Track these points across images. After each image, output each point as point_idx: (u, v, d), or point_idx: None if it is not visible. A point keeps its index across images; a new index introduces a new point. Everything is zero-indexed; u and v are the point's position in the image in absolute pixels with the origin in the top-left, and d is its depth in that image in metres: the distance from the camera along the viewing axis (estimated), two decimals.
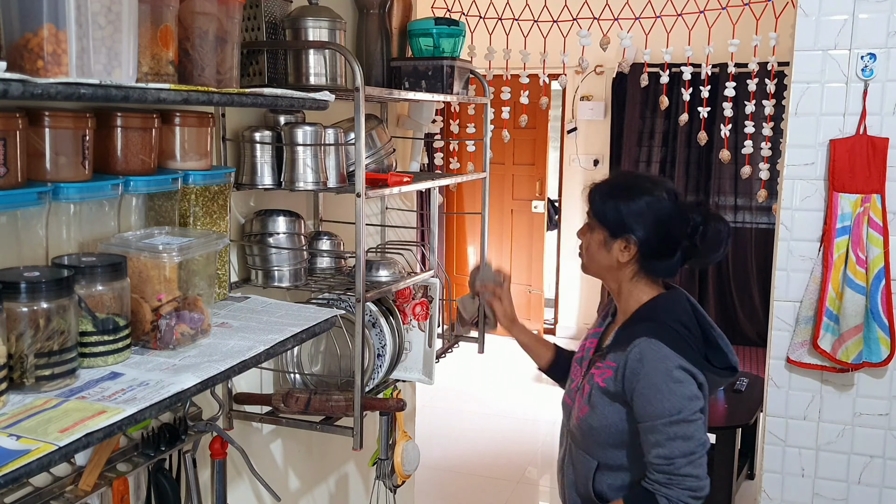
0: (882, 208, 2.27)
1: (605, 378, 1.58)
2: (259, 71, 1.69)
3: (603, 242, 1.62)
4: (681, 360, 1.50)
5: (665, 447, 1.48)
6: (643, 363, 1.50)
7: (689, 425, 1.48)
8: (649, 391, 1.49)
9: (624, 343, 1.57)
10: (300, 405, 1.70)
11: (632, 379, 1.51)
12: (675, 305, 1.61)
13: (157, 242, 1.26)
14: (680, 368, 1.50)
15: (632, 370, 1.51)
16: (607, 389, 1.57)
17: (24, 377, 1.04)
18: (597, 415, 1.58)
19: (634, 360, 1.51)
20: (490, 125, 2.37)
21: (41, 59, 0.97)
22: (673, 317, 1.57)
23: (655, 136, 5.90)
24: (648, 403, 1.49)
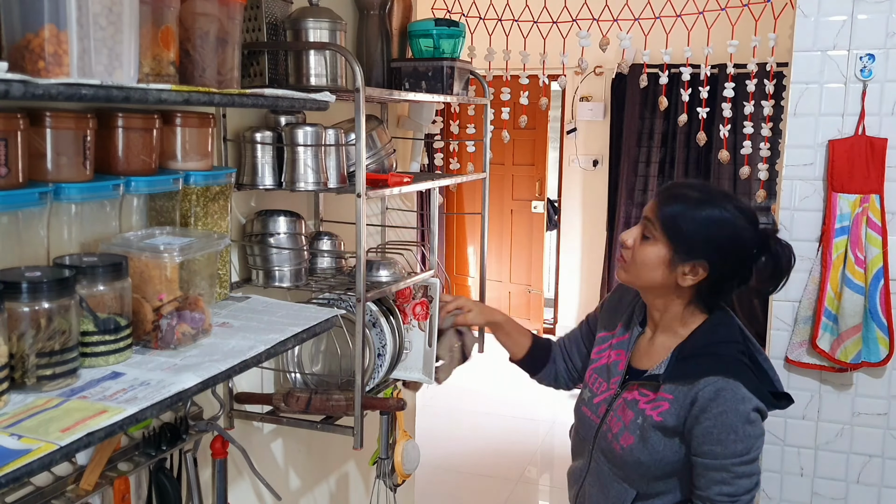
0: (881, 208, 2.27)
1: (662, 412, 1.49)
2: (260, 72, 1.69)
3: (666, 261, 1.48)
4: (759, 402, 1.46)
5: (732, 485, 1.44)
6: (717, 403, 1.43)
7: (754, 464, 1.46)
8: (722, 431, 1.43)
9: (687, 377, 1.48)
10: (301, 405, 1.70)
11: (698, 415, 1.45)
12: (730, 331, 1.53)
13: (158, 242, 1.26)
14: (756, 410, 1.45)
15: (701, 407, 1.44)
16: (663, 424, 1.49)
17: (25, 377, 1.05)
18: (648, 449, 1.50)
19: (706, 399, 1.44)
20: (490, 126, 2.38)
21: (42, 60, 0.97)
22: (737, 348, 1.50)
23: (655, 136, 5.91)
24: (719, 443, 1.44)
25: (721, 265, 1.47)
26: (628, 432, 1.53)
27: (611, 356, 1.65)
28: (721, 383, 1.44)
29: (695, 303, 1.54)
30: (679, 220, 1.47)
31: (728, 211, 1.47)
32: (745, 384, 1.45)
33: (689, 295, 1.52)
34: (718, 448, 1.44)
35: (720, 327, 1.54)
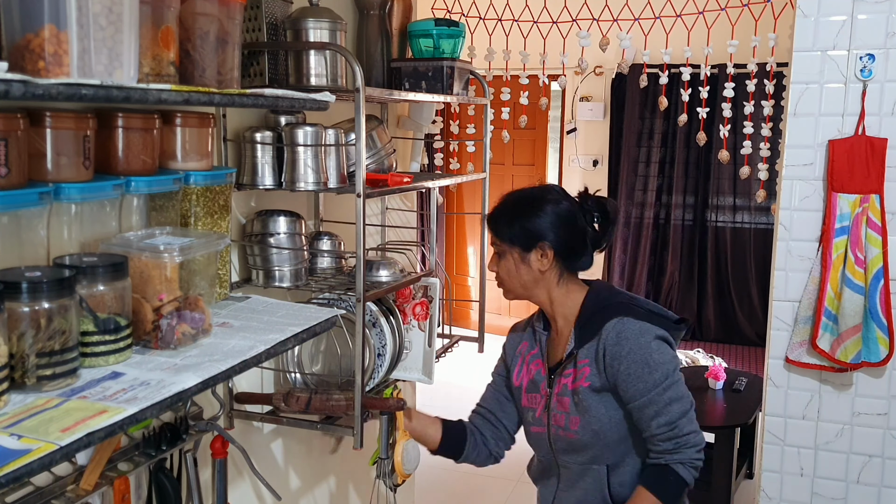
0: (881, 208, 2.27)
1: (587, 376, 1.59)
2: (260, 72, 1.69)
3: (520, 260, 1.66)
4: (654, 328, 1.56)
5: (665, 414, 1.52)
6: (621, 343, 1.54)
7: (678, 385, 1.54)
8: (637, 367, 1.53)
9: (590, 335, 1.60)
10: (301, 405, 1.70)
11: (614, 364, 1.55)
12: (612, 289, 1.68)
13: (158, 242, 1.26)
14: (657, 338, 1.55)
15: (612, 355, 1.55)
16: (593, 386, 1.58)
17: (25, 377, 1.04)
18: (594, 417, 1.59)
19: (612, 345, 1.55)
20: (490, 126, 2.38)
21: (42, 60, 0.97)
22: (623, 296, 1.64)
23: (654, 136, 5.91)
24: (639, 379, 1.53)
25: (557, 235, 1.63)
26: (573, 415, 1.62)
27: (531, 371, 1.73)
28: (617, 325, 1.56)
29: (566, 278, 1.67)
30: (506, 229, 1.66)
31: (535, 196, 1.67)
32: (636, 317, 1.57)
33: (556, 273, 1.66)
34: (640, 385, 1.53)
35: (602, 291, 1.68)
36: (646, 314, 1.60)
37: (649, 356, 1.53)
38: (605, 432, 1.59)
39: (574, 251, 1.65)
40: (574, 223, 1.64)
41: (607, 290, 1.69)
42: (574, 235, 1.65)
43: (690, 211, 5.94)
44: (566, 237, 1.64)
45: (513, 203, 1.69)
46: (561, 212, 1.64)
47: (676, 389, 1.54)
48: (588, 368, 1.59)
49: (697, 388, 3.74)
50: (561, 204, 1.65)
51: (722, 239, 5.91)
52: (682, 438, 1.53)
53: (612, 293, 1.67)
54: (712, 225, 5.91)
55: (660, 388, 1.53)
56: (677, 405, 1.53)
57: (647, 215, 6.01)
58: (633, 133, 5.93)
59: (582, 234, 1.65)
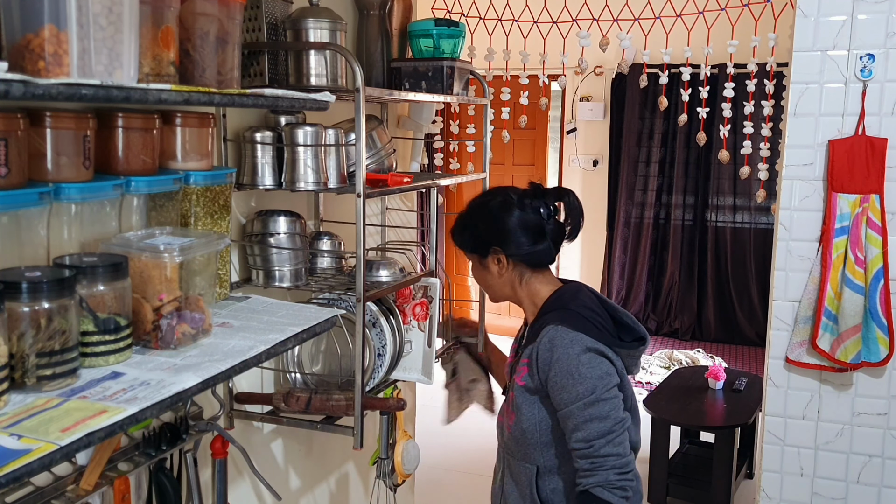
0: (881, 208, 2.27)
1: (523, 376, 1.59)
2: (260, 72, 1.69)
3: (480, 266, 1.69)
4: (588, 340, 1.52)
5: (583, 430, 1.49)
6: (553, 350, 1.53)
7: (604, 404, 1.49)
8: (562, 377, 1.51)
9: (533, 337, 1.60)
10: (301, 405, 1.70)
11: (545, 369, 1.54)
12: (576, 294, 1.64)
13: (158, 242, 1.26)
14: (589, 350, 1.52)
15: (544, 360, 1.54)
16: (527, 386, 1.58)
17: (25, 377, 1.05)
18: (524, 416, 1.59)
19: (545, 350, 1.54)
20: (490, 126, 2.38)
21: (42, 60, 0.97)
22: (577, 302, 1.60)
23: (654, 136, 5.91)
24: (563, 389, 1.51)
25: (504, 239, 1.63)
26: (511, 410, 1.64)
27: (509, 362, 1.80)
28: (551, 332, 1.54)
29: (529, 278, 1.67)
30: (458, 238, 1.71)
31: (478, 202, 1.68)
32: (571, 326, 1.53)
33: (517, 274, 1.67)
34: (564, 395, 1.51)
35: (564, 294, 1.65)
36: (588, 325, 1.55)
37: (575, 368, 1.50)
38: (531, 433, 1.59)
39: (528, 248, 1.63)
40: (523, 223, 1.62)
41: (571, 293, 1.65)
42: (525, 233, 1.62)
43: (690, 211, 5.94)
44: (517, 238, 1.62)
45: (464, 212, 1.71)
46: (505, 215, 1.63)
47: (600, 407, 1.49)
48: (526, 368, 1.59)
49: (697, 388, 3.74)
50: (506, 207, 1.63)
51: (722, 239, 5.91)
52: (599, 459, 1.48)
53: (570, 298, 1.63)
54: (712, 225, 5.91)
55: (581, 403, 1.49)
56: (597, 423, 1.48)
57: (647, 215, 6.02)
58: (633, 133, 5.93)
59: (536, 232, 1.62)
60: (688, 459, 3.80)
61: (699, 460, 3.75)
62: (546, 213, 1.63)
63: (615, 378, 1.53)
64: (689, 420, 3.51)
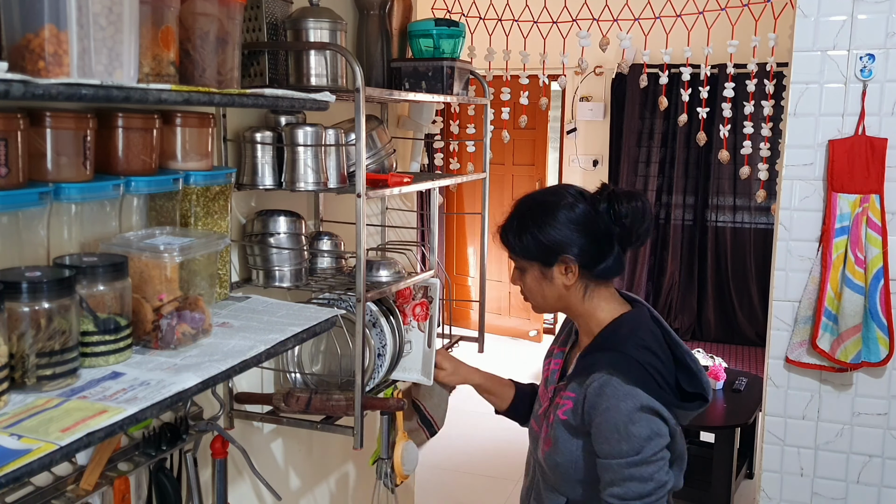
0: (881, 208, 2.28)
1: (566, 410, 1.48)
2: (260, 72, 1.69)
3: (542, 276, 1.52)
4: (644, 397, 1.40)
5: (620, 487, 1.40)
6: (602, 398, 1.41)
7: (648, 466, 1.40)
8: (607, 429, 1.40)
9: (584, 374, 1.47)
10: (301, 405, 1.70)
11: (591, 413, 1.43)
12: (638, 328, 1.50)
13: (158, 242, 1.26)
14: (641, 408, 1.40)
15: (591, 404, 1.43)
16: (568, 423, 1.48)
17: (25, 377, 1.05)
18: (560, 450, 1.50)
19: (594, 395, 1.42)
20: (490, 126, 2.38)
21: (42, 60, 0.97)
22: (637, 342, 1.46)
23: (654, 136, 5.91)
24: (606, 442, 1.41)
25: (579, 246, 1.48)
26: (548, 437, 1.53)
27: (551, 366, 1.66)
28: (604, 378, 1.42)
29: (595, 292, 1.52)
30: (516, 242, 1.52)
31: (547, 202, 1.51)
32: (627, 379, 1.40)
33: (582, 288, 1.52)
34: (606, 447, 1.41)
35: (624, 324, 1.51)
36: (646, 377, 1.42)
37: (624, 425, 1.39)
38: (568, 469, 1.50)
39: (600, 258, 1.49)
40: (595, 227, 1.48)
41: (631, 326, 1.49)
42: (597, 241, 1.48)
43: (690, 211, 5.94)
44: (589, 245, 1.47)
45: (523, 212, 1.53)
46: (578, 218, 1.47)
47: (643, 470, 1.39)
48: (570, 403, 1.48)
49: None
50: (577, 208, 1.48)
51: (722, 239, 5.91)
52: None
53: (629, 333, 1.48)
54: (712, 225, 5.91)
55: (623, 461, 1.39)
56: (637, 485, 1.39)
57: None
58: (633, 133, 5.93)
59: (606, 237, 1.48)
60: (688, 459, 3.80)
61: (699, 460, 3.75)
62: (620, 218, 1.47)
63: (665, 439, 1.42)
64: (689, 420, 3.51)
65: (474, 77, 2.27)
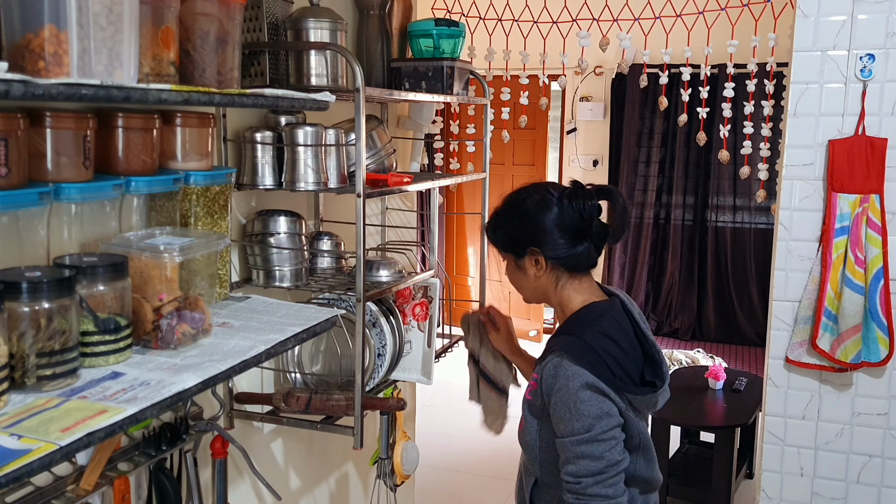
0: (881, 208, 2.28)
1: (532, 391, 1.55)
2: (260, 72, 1.69)
3: (516, 267, 1.60)
4: (588, 376, 1.44)
5: (573, 464, 1.45)
6: (555, 379, 1.47)
7: (599, 444, 1.43)
8: (560, 408, 1.46)
9: (544, 356, 1.55)
10: (301, 405, 1.70)
11: (548, 393, 1.49)
12: (601, 317, 1.54)
13: (158, 242, 1.26)
14: (588, 387, 1.44)
15: (547, 385, 1.49)
16: (533, 403, 1.54)
17: (25, 377, 1.05)
18: (527, 430, 1.56)
19: (549, 376, 1.48)
20: (490, 126, 2.38)
21: (42, 60, 0.97)
22: (596, 329, 1.50)
23: (655, 136, 5.91)
24: (560, 420, 1.46)
25: (542, 239, 1.55)
26: (522, 418, 1.59)
27: None
28: (555, 360, 1.48)
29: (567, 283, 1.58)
30: (492, 235, 1.63)
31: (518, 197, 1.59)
32: (576, 361, 1.45)
33: (554, 278, 1.58)
34: (561, 426, 1.47)
35: (589, 312, 1.56)
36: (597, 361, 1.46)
37: (573, 403, 1.44)
38: (532, 447, 1.56)
39: (568, 252, 1.55)
40: (563, 222, 1.54)
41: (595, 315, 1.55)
42: (565, 235, 1.54)
43: (690, 211, 5.94)
44: (557, 239, 1.54)
45: (500, 208, 1.63)
46: (545, 214, 1.54)
47: (594, 447, 1.43)
48: (535, 384, 1.54)
49: (697, 388, 3.74)
50: (545, 204, 1.54)
51: (722, 239, 5.91)
52: (585, 498, 1.43)
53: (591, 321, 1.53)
54: (712, 225, 5.91)
55: (574, 439, 1.44)
56: (589, 462, 1.43)
57: (647, 215, 6.02)
58: (633, 133, 5.93)
59: (576, 232, 1.54)
60: (688, 459, 3.80)
61: (699, 460, 3.75)
62: (588, 214, 1.53)
63: (616, 419, 1.46)
64: (689, 420, 3.51)
65: (474, 77, 2.27)
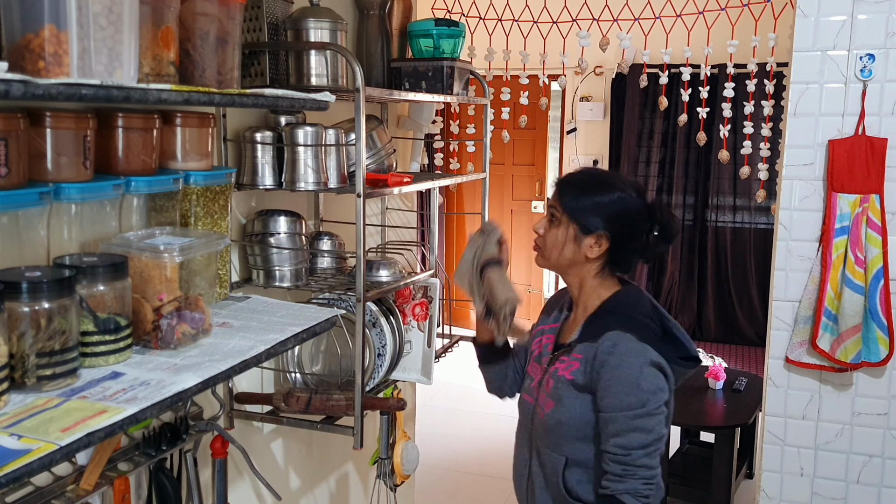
0: (881, 208, 2.27)
1: (573, 370, 1.58)
2: (261, 71, 1.69)
3: (573, 237, 1.61)
4: (652, 353, 1.52)
5: (624, 437, 1.50)
6: (614, 354, 1.52)
7: (651, 418, 1.50)
8: (616, 383, 1.51)
9: (593, 335, 1.57)
10: (301, 405, 1.70)
11: (599, 369, 1.53)
12: (638, 300, 1.63)
13: (158, 242, 1.26)
14: (651, 363, 1.52)
15: (601, 361, 1.53)
16: (575, 381, 1.57)
17: (25, 377, 1.05)
18: (564, 408, 1.58)
19: (605, 352, 1.53)
20: (490, 126, 2.38)
21: (42, 60, 0.97)
22: (640, 311, 1.60)
23: (655, 136, 5.91)
24: (614, 395, 1.51)
25: (619, 232, 1.60)
26: (549, 398, 1.62)
27: (542, 342, 1.74)
28: (617, 337, 1.53)
29: (605, 273, 1.65)
30: (573, 196, 1.62)
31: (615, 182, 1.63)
32: (639, 337, 1.53)
33: (599, 265, 1.64)
34: (614, 400, 1.50)
35: (628, 297, 1.64)
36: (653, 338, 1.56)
37: (634, 378, 1.50)
38: (569, 425, 1.59)
39: (626, 251, 1.62)
40: (636, 224, 1.61)
41: (634, 297, 1.64)
42: (632, 236, 1.61)
43: (690, 211, 5.94)
44: (625, 235, 1.60)
45: (590, 178, 1.66)
46: (631, 208, 1.60)
47: (647, 421, 1.50)
48: (577, 364, 1.57)
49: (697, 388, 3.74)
50: (634, 200, 1.61)
51: (722, 239, 5.91)
52: (632, 468, 1.49)
53: (635, 302, 1.62)
54: (712, 225, 5.91)
55: (630, 413, 1.50)
56: (640, 435, 1.50)
57: None
58: (633, 133, 5.93)
59: (639, 239, 1.62)
60: (688, 459, 3.80)
61: (699, 460, 3.75)
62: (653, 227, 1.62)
63: (667, 395, 1.54)
64: (689, 420, 3.51)
65: (474, 77, 2.27)
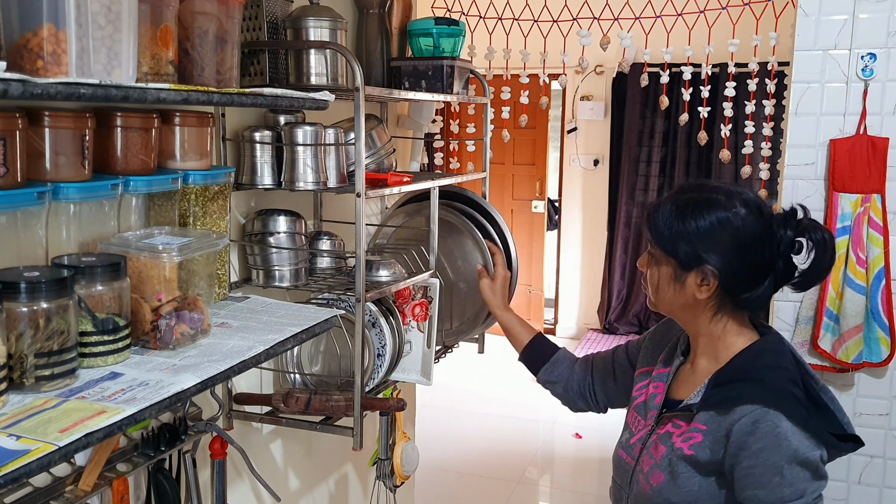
0: (882, 208, 2.27)
1: (694, 444, 1.30)
2: (260, 71, 1.69)
3: (673, 277, 1.33)
4: (806, 438, 1.24)
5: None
6: (756, 437, 1.24)
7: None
8: (764, 473, 1.24)
9: (722, 406, 1.29)
10: (300, 405, 1.70)
11: (736, 452, 1.26)
12: (779, 358, 1.32)
13: (156, 242, 1.26)
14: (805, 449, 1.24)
15: (738, 443, 1.25)
16: (695, 458, 1.30)
17: (23, 377, 1.04)
18: (678, 488, 1.31)
19: (743, 432, 1.25)
20: (490, 125, 2.37)
21: (41, 59, 0.97)
22: (785, 376, 1.29)
23: (655, 135, 5.91)
24: (762, 487, 1.24)
25: (727, 263, 1.29)
26: (659, 469, 1.35)
27: (650, 391, 1.46)
28: (759, 413, 1.24)
29: (723, 314, 1.35)
30: (663, 227, 1.33)
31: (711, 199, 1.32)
32: (788, 416, 1.24)
33: (714, 306, 1.34)
34: (762, 493, 1.24)
35: (766, 352, 1.33)
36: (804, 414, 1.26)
37: (785, 465, 1.23)
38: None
39: (746, 285, 1.30)
40: (757, 250, 1.29)
41: (773, 354, 1.32)
42: (751, 265, 1.29)
43: None
44: (739, 265, 1.29)
45: (679, 201, 1.33)
46: (736, 228, 1.28)
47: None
48: (700, 437, 1.29)
49: None
50: (745, 220, 1.29)
51: None
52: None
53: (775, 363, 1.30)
54: None
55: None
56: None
57: None
58: (633, 132, 5.92)
59: (764, 265, 1.29)
60: None
61: None
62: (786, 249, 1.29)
63: (825, 481, 1.28)
64: None
65: (474, 76, 2.26)
